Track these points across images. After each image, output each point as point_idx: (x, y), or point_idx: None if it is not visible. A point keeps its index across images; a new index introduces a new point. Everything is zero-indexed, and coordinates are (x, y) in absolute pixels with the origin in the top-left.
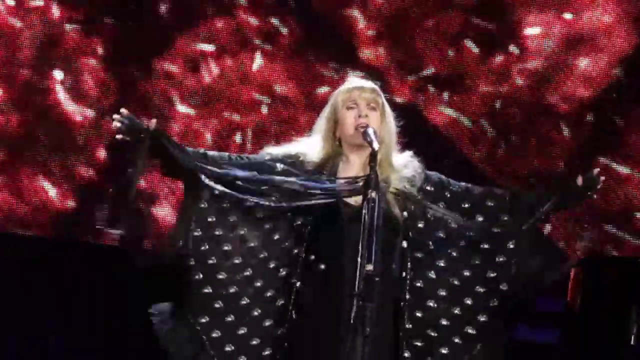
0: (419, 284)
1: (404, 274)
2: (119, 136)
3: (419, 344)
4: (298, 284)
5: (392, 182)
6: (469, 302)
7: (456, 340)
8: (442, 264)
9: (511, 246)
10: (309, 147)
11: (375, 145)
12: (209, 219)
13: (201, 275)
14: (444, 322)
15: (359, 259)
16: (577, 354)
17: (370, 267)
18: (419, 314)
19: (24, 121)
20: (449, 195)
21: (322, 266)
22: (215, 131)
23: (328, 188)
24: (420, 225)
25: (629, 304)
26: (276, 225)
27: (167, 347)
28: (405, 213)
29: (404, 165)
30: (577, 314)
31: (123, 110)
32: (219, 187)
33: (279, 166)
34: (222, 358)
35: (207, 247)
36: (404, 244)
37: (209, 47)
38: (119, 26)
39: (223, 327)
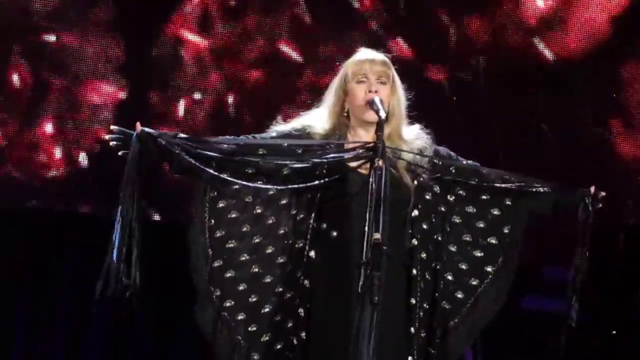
0: (424, 255)
1: (415, 242)
2: (120, 153)
3: (432, 313)
4: (312, 252)
5: (403, 153)
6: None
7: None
8: (447, 236)
9: (506, 231)
10: (316, 119)
11: (382, 114)
12: (221, 204)
13: (221, 262)
14: (456, 294)
15: (366, 228)
16: (586, 322)
17: (377, 235)
18: (430, 284)
19: None
20: (454, 171)
21: (334, 233)
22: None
23: (334, 157)
24: (428, 196)
25: (638, 273)
26: (290, 200)
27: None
28: (415, 182)
29: (415, 137)
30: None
31: (113, 127)
32: (223, 176)
33: (285, 144)
34: (247, 338)
35: (224, 232)
36: (415, 212)
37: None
38: None
39: (247, 307)
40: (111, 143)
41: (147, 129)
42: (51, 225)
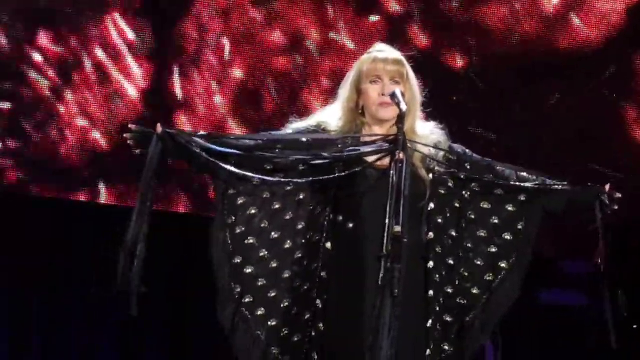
0: (440, 249)
1: (431, 235)
2: (137, 151)
3: (447, 308)
4: (328, 244)
5: (419, 146)
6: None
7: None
8: (462, 232)
9: (520, 227)
10: (331, 116)
11: (403, 107)
12: (240, 201)
13: (241, 258)
14: (472, 289)
15: (386, 221)
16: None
17: (398, 228)
18: (445, 278)
19: None
20: (469, 167)
21: (351, 225)
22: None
23: (352, 151)
24: (443, 191)
25: None
26: (307, 195)
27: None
28: (431, 176)
29: (430, 132)
30: (606, 275)
31: (131, 126)
32: (242, 172)
33: (304, 139)
34: (266, 333)
35: (243, 229)
36: (431, 206)
37: None
38: None
39: (266, 302)
40: (129, 142)
41: (167, 129)
42: (64, 215)
